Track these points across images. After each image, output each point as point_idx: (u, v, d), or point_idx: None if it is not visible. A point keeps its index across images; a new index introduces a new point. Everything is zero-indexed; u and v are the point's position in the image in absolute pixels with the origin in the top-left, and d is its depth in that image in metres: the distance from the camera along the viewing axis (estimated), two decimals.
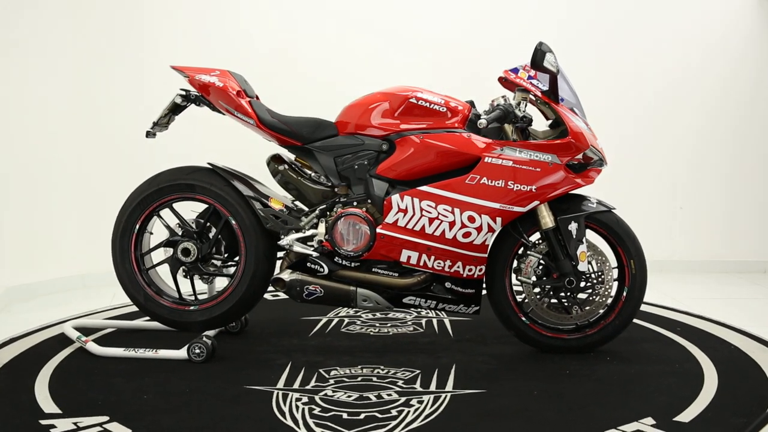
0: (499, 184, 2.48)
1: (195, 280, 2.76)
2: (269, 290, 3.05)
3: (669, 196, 4.46)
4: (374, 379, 2.40)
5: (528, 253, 2.62)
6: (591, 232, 2.64)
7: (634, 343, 2.79)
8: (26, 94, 3.66)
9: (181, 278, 2.73)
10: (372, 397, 2.23)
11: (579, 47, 4.19)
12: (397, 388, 2.30)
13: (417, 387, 2.32)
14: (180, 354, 2.55)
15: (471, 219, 2.48)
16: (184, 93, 2.70)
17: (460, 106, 2.59)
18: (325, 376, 2.41)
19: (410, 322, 3.11)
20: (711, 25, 4.36)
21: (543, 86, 2.56)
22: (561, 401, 2.21)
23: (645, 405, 2.17)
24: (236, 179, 2.67)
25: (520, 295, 2.67)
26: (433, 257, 2.52)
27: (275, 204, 2.66)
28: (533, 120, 2.58)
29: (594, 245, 2.64)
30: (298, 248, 2.58)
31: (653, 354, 2.68)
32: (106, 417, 2.05)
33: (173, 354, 2.56)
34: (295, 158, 2.77)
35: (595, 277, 2.62)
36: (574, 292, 2.60)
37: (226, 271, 2.75)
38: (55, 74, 3.77)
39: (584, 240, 2.58)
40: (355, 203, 2.59)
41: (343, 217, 2.54)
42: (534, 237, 2.65)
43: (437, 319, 3.16)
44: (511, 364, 2.57)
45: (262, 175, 2.81)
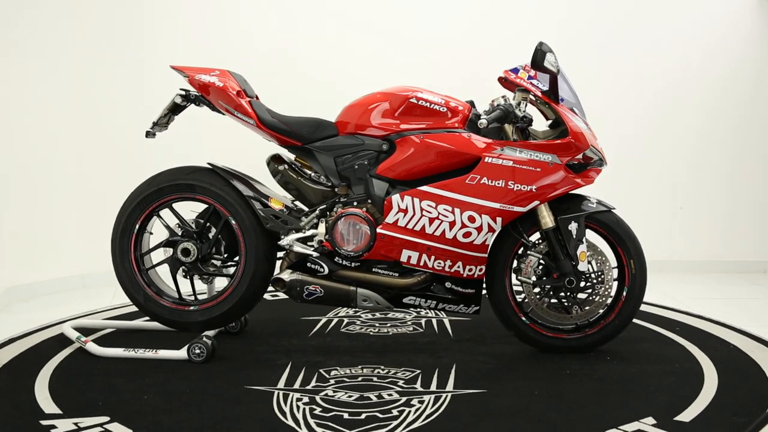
0: (499, 184, 2.48)
1: (194, 281, 2.76)
2: (268, 290, 3.05)
3: (669, 196, 4.46)
4: (375, 379, 2.39)
5: (528, 252, 2.62)
6: (591, 232, 2.64)
7: (634, 343, 2.79)
8: (26, 94, 3.66)
9: (181, 278, 2.73)
10: (373, 397, 2.23)
11: (579, 47, 4.19)
12: (397, 388, 2.30)
13: (418, 387, 2.32)
14: (180, 354, 2.55)
15: (471, 219, 2.48)
16: (183, 93, 2.70)
17: (461, 106, 2.59)
18: (326, 377, 2.41)
19: (410, 322, 3.11)
20: (711, 25, 4.36)
21: (543, 86, 2.56)
22: (562, 401, 2.21)
23: (645, 404, 2.17)
24: (236, 179, 2.67)
25: (520, 295, 2.67)
26: (433, 257, 2.52)
27: (275, 204, 2.65)
28: (533, 120, 2.59)
29: (594, 245, 2.64)
30: (299, 248, 2.58)
31: (653, 354, 2.68)
32: (106, 417, 2.05)
33: (173, 354, 2.55)
34: (295, 158, 2.77)
35: (595, 277, 2.62)
36: (574, 292, 2.60)
37: (226, 271, 2.75)
38: (55, 74, 3.77)
39: (584, 240, 2.58)
40: (355, 203, 2.59)
41: (344, 217, 2.54)
42: (534, 237, 2.65)
43: (437, 319, 3.16)
44: (511, 363, 2.57)
45: (262, 175, 2.81)
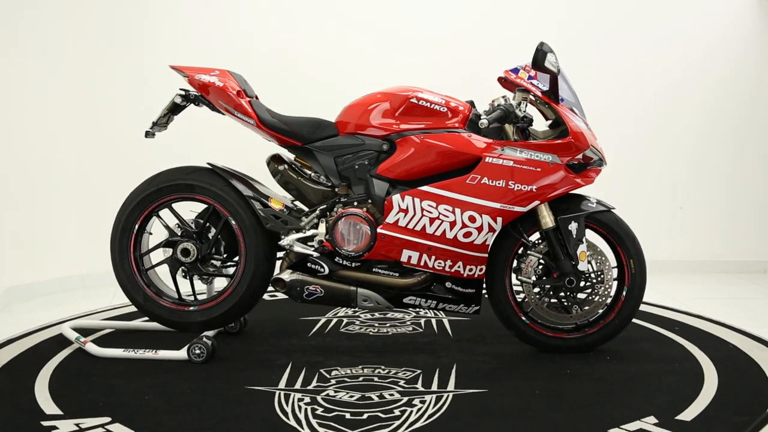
0: (499, 184, 2.48)
1: (194, 281, 2.75)
2: (267, 290, 3.04)
3: (669, 196, 4.46)
4: (375, 379, 2.39)
5: (528, 252, 2.62)
6: (591, 232, 2.64)
7: (633, 343, 2.79)
8: (26, 94, 3.66)
9: (181, 279, 2.72)
10: (374, 397, 2.22)
11: (579, 47, 4.19)
12: (398, 388, 2.30)
13: (419, 387, 2.32)
14: (180, 354, 2.54)
15: (472, 219, 2.48)
16: (183, 93, 2.70)
17: (461, 106, 2.59)
18: (327, 377, 2.40)
19: (409, 322, 3.11)
20: (711, 25, 4.36)
21: (543, 86, 2.56)
22: (562, 400, 2.21)
23: (646, 404, 2.17)
24: (236, 179, 2.67)
25: (520, 294, 2.67)
26: (433, 257, 2.52)
27: (275, 204, 2.65)
28: (533, 120, 2.59)
29: (594, 245, 2.64)
30: (299, 248, 2.58)
31: (653, 353, 2.68)
32: (107, 418, 2.05)
33: (173, 355, 2.55)
34: (294, 158, 2.77)
35: (594, 276, 2.62)
36: (574, 292, 2.60)
37: (226, 271, 2.75)
38: (55, 74, 3.76)
39: (584, 240, 2.58)
40: (355, 203, 2.59)
41: (344, 217, 2.54)
42: (534, 237, 2.65)
43: (436, 319, 3.15)
44: (511, 363, 2.57)
45: (262, 175, 2.81)
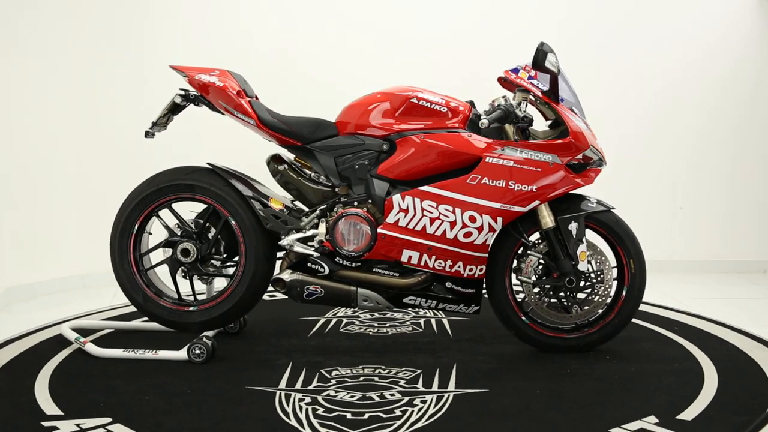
0: (499, 184, 2.48)
1: (194, 281, 2.75)
2: (267, 290, 3.04)
3: (669, 196, 4.46)
4: (376, 379, 2.39)
5: (528, 252, 2.62)
6: (590, 232, 2.64)
7: (633, 343, 2.79)
8: (26, 94, 3.65)
9: (180, 279, 2.72)
10: (375, 397, 2.22)
11: (579, 47, 4.19)
12: (399, 388, 2.30)
13: (419, 387, 2.32)
14: (180, 355, 2.54)
15: (472, 219, 2.48)
16: (183, 93, 2.69)
17: (461, 106, 2.59)
18: (327, 377, 2.40)
19: (409, 322, 3.11)
20: (711, 25, 4.36)
21: (543, 86, 2.56)
22: (563, 400, 2.21)
23: (647, 403, 2.17)
24: (236, 179, 2.67)
25: (520, 294, 2.67)
26: (434, 257, 2.52)
27: (275, 204, 2.65)
28: (534, 120, 2.59)
29: (594, 245, 2.64)
30: (299, 248, 2.58)
31: (653, 353, 2.68)
32: (108, 419, 2.04)
33: (173, 355, 2.55)
34: (294, 158, 2.77)
35: (594, 276, 2.62)
36: (574, 292, 2.60)
37: (225, 271, 2.74)
38: (55, 74, 3.76)
39: (584, 240, 2.58)
40: (355, 203, 2.59)
41: (344, 217, 2.54)
42: (533, 237, 2.65)
43: (435, 319, 3.15)
44: (511, 363, 2.57)
45: (262, 175, 2.81)
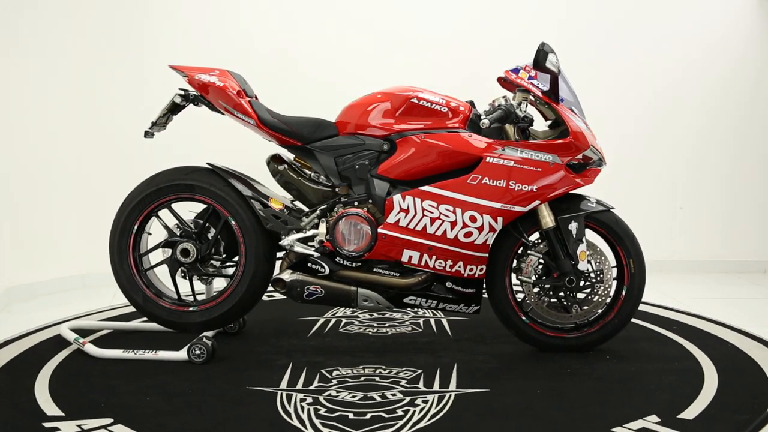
0: (500, 183, 2.48)
1: (194, 281, 2.74)
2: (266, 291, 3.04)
3: (669, 196, 4.47)
4: (377, 379, 2.39)
5: (528, 252, 2.62)
6: (590, 232, 2.64)
7: (633, 342, 2.80)
8: (26, 94, 3.65)
9: (180, 279, 2.72)
10: (376, 397, 2.22)
11: (579, 47, 4.19)
12: (400, 388, 2.30)
13: (420, 386, 2.32)
14: (180, 355, 2.54)
15: (472, 219, 2.48)
16: (183, 93, 2.69)
17: (461, 106, 2.59)
18: (328, 377, 2.40)
19: (408, 322, 3.11)
20: (711, 25, 4.36)
21: (543, 86, 2.56)
22: (564, 400, 2.21)
23: (648, 403, 2.17)
24: (236, 179, 2.67)
25: (520, 294, 2.67)
26: (434, 257, 2.51)
27: (275, 204, 2.65)
28: (534, 120, 2.59)
29: (594, 244, 2.64)
30: (299, 248, 2.58)
31: (652, 352, 2.68)
32: (109, 419, 2.04)
33: (173, 355, 2.54)
34: (294, 158, 2.76)
35: (594, 276, 2.62)
36: (574, 292, 2.60)
37: (225, 271, 2.74)
38: (55, 74, 3.76)
39: (584, 239, 2.58)
40: (356, 203, 2.59)
41: (345, 217, 2.54)
42: (533, 236, 2.65)
43: (435, 319, 3.15)
44: (511, 363, 2.57)
45: (262, 175, 2.80)
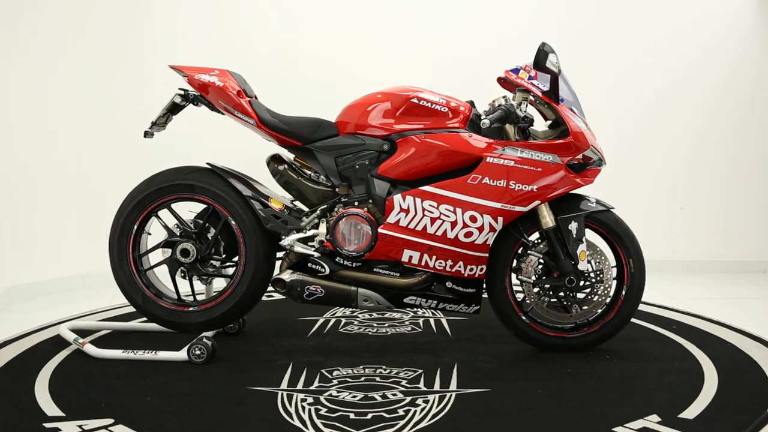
0: (500, 183, 2.48)
1: (193, 281, 2.74)
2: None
3: (669, 196, 4.47)
4: (377, 379, 2.39)
5: (528, 252, 2.62)
6: (590, 232, 2.64)
7: (632, 342, 2.80)
8: (26, 94, 3.65)
9: (180, 279, 2.71)
10: (377, 397, 2.22)
11: (579, 47, 4.19)
12: (401, 388, 2.30)
13: (421, 386, 2.32)
14: (180, 355, 2.53)
15: (473, 219, 2.48)
16: (182, 93, 2.69)
17: (462, 106, 2.59)
18: (328, 377, 2.40)
19: (407, 322, 3.11)
20: (711, 25, 4.36)
21: (543, 86, 2.56)
22: (565, 400, 2.21)
23: (648, 403, 2.17)
24: (236, 179, 2.66)
25: (520, 294, 2.67)
26: (434, 257, 2.51)
27: (275, 204, 2.65)
28: (534, 120, 2.59)
29: (593, 244, 2.64)
30: (300, 248, 2.58)
31: (652, 352, 2.68)
32: (110, 419, 2.04)
33: (173, 355, 2.54)
34: (294, 158, 2.76)
35: (594, 276, 2.62)
36: (574, 291, 2.60)
37: (225, 271, 2.74)
38: (55, 74, 3.76)
39: (584, 239, 2.58)
40: (356, 203, 2.59)
41: (345, 217, 2.54)
42: (533, 236, 2.65)
43: (434, 319, 3.15)
44: (511, 363, 2.57)
45: (262, 175, 2.80)
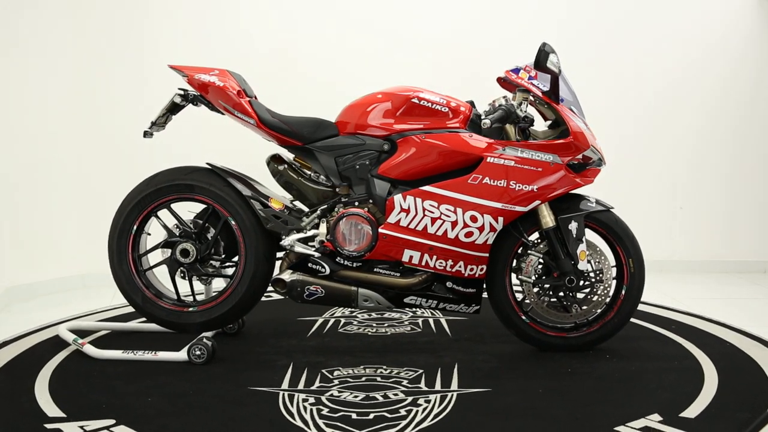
0: (501, 183, 2.48)
1: (193, 281, 2.73)
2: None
3: (669, 196, 4.47)
4: (378, 378, 2.39)
5: (528, 252, 2.62)
6: (590, 231, 2.64)
7: (632, 342, 2.80)
8: (26, 94, 3.65)
9: (179, 279, 2.71)
10: (379, 397, 2.22)
11: (579, 47, 4.19)
12: (402, 388, 2.30)
13: (422, 386, 2.31)
14: (180, 356, 2.53)
15: (473, 219, 2.48)
16: (182, 92, 2.68)
17: (462, 106, 2.59)
18: (329, 377, 2.40)
19: (407, 322, 3.11)
20: (711, 25, 4.36)
21: (543, 86, 2.56)
22: (566, 399, 2.21)
23: (649, 402, 2.18)
24: (235, 179, 2.66)
25: (520, 294, 2.67)
26: (435, 257, 2.51)
27: (275, 204, 2.64)
28: (534, 120, 2.59)
29: (593, 244, 2.64)
30: (300, 249, 2.57)
31: (652, 352, 2.68)
32: (112, 420, 2.03)
33: (173, 356, 2.54)
34: (294, 158, 2.76)
35: (594, 276, 2.62)
36: (574, 291, 2.60)
37: (225, 271, 2.73)
38: (55, 74, 3.76)
39: (584, 239, 2.58)
40: (356, 203, 2.59)
41: (345, 217, 2.54)
42: (533, 236, 2.65)
43: (434, 319, 3.15)
44: (512, 362, 2.57)
45: (262, 175, 2.80)
